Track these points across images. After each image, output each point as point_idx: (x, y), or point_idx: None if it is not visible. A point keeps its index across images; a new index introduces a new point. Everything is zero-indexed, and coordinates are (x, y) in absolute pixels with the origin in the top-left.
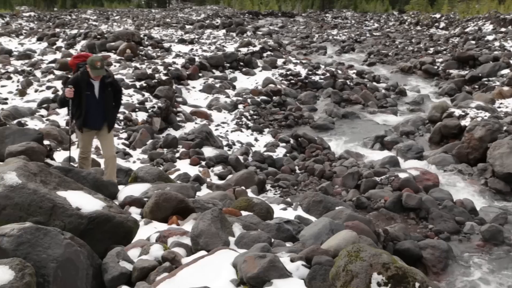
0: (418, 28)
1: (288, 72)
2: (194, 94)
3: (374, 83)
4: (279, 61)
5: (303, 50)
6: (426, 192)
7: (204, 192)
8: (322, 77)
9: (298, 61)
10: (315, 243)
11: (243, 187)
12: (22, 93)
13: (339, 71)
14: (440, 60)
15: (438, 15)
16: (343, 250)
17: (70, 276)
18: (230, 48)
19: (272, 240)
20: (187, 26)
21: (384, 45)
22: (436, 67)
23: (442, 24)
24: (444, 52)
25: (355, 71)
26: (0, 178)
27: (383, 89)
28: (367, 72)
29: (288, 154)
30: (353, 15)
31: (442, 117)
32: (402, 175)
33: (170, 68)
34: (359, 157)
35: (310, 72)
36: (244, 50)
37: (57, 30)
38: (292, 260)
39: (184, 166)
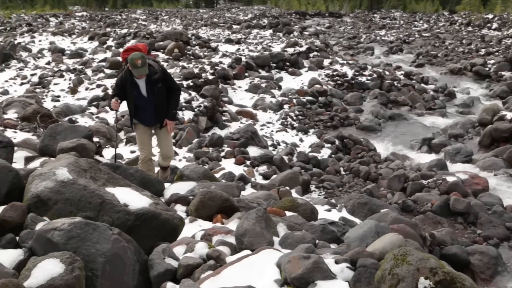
0: (469, 28)
1: (334, 73)
2: (240, 94)
3: (422, 85)
4: (326, 62)
5: (350, 50)
6: (475, 196)
7: (248, 191)
8: (369, 78)
9: (345, 62)
10: (360, 245)
11: (287, 187)
12: (73, 91)
13: (387, 72)
14: (492, 61)
15: (490, 16)
16: (389, 253)
17: (118, 271)
18: (276, 48)
19: (317, 241)
20: (234, 26)
21: (433, 46)
22: (487, 68)
23: (494, 25)
24: (496, 53)
25: (403, 72)
26: (52, 174)
27: (432, 90)
28: (415, 73)
29: (333, 155)
30: (402, 15)
31: (493, 120)
32: (450, 179)
33: (216, 67)
34: (405, 159)
35: (356, 73)
36: (290, 50)
37: (108, 29)
38: (336, 262)
39: (229, 165)
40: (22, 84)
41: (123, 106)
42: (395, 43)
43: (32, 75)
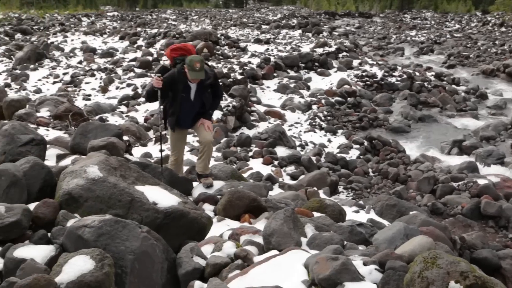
0: (503, 29)
1: (363, 73)
2: (268, 94)
3: (454, 86)
4: (355, 62)
5: (379, 51)
6: (507, 200)
7: (276, 191)
8: (398, 78)
9: (374, 62)
10: (388, 247)
11: (315, 188)
12: (104, 90)
13: (417, 73)
14: None
15: None
16: (419, 256)
17: (146, 268)
18: (305, 48)
19: (345, 242)
20: (263, 26)
21: (465, 47)
22: None
23: None
24: None
25: (433, 73)
26: (83, 171)
27: (463, 92)
28: (446, 74)
29: (361, 156)
30: (433, 15)
31: None
32: (481, 182)
33: (245, 67)
34: (435, 161)
35: (386, 74)
36: (319, 50)
37: (138, 29)
38: (365, 264)
39: (257, 165)
40: (54, 82)
41: (153, 106)
42: (425, 44)
43: (64, 74)
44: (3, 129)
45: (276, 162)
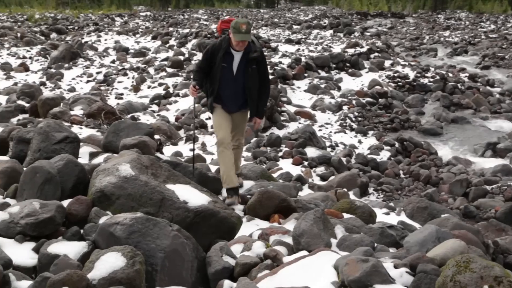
0: None
1: (395, 74)
2: (298, 94)
3: (488, 87)
4: (387, 63)
5: (412, 51)
6: None
7: (305, 192)
8: (431, 80)
9: (407, 63)
10: (420, 250)
11: (345, 189)
12: (136, 89)
13: (450, 74)
14: None
15: None
16: (451, 259)
17: (176, 266)
18: (336, 48)
19: (375, 244)
20: (295, 26)
21: (500, 48)
22: None
23: None
24: None
25: (467, 74)
26: (115, 169)
27: (498, 93)
28: (480, 75)
29: (392, 158)
30: (468, 16)
31: None
32: None
33: (276, 67)
34: (468, 164)
35: (418, 75)
36: (351, 51)
37: (170, 29)
38: (395, 266)
39: (286, 165)
40: (88, 81)
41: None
42: (459, 45)
43: (97, 73)
44: (39, 127)
45: (306, 163)
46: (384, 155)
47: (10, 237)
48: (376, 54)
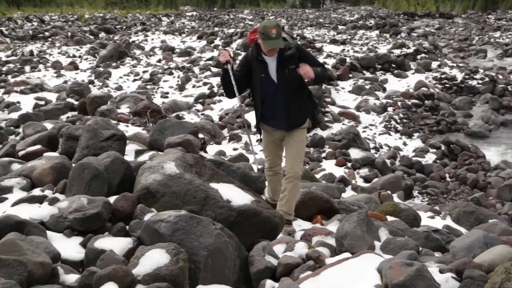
0: None
1: (442, 76)
2: (343, 95)
3: None
4: (434, 64)
5: (460, 53)
6: None
7: (348, 193)
8: (480, 81)
9: (454, 65)
10: (466, 255)
11: (389, 192)
12: (181, 88)
13: (500, 76)
14: None
15: None
16: (500, 266)
17: (219, 265)
18: (382, 49)
19: (420, 248)
20: (340, 27)
21: None
22: None
23: None
24: None
25: None
26: (161, 167)
27: None
28: None
29: (438, 161)
30: None
31: None
32: None
33: None
34: None
35: (467, 76)
36: (397, 51)
37: (216, 29)
38: (441, 271)
39: (329, 166)
40: (134, 80)
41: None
42: (510, 46)
43: (144, 72)
44: (87, 124)
45: (349, 164)
46: (429, 158)
47: (59, 232)
48: (423, 55)
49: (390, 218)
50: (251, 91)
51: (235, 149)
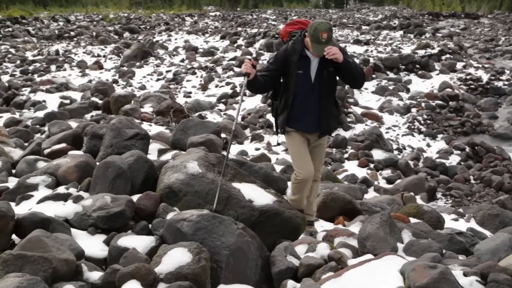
0: None
1: (467, 77)
2: (366, 96)
3: None
4: (459, 65)
5: (486, 53)
6: None
7: (371, 195)
8: (506, 82)
9: (480, 65)
10: (491, 259)
11: (412, 193)
12: (204, 87)
13: None
14: None
15: None
16: None
17: (241, 264)
18: (406, 50)
19: (444, 251)
20: (363, 27)
21: None
22: None
23: None
24: None
25: None
26: (183, 167)
27: None
28: None
29: (462, 163)
30: None
31: None
32: None
33: None
34: None
35: (492, 77)
36: (421, 52)
37: (239, 29)
38: (465, 274)
39: (352, 167)
40: (158, 80)
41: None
42: None
43: (167, 71)
44: (111, 123)
45: (372, 165)
46: (453, 160)
47: (83, 229)
48: (448, 55)
49: (413, 220)
50: (282, 88)
51: (257, 149)
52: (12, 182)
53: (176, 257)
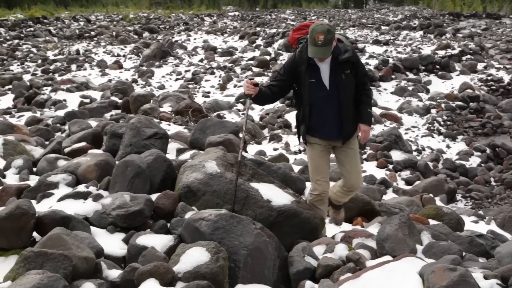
0: None
1: (488, 77)
2: (385, 96)
3: None
4: (480, 66)
5: (508, 54)
6: None
7: (389, 196)
8: None
9: (501, 66)
10: None
11: (431, 195)
12: (222, 87)
13: None
14: None
15: None
16: None
17: (259, 264)
18: (426, 50)
19: (463, 253)
20: (383, 27)
21: None
22: None
23: None
24: None
25: None
26: (202, 166)
27: None
28: None
29: (483, 164)
30: None
31: None
32: None
33: None
34: None
35: None
36: (441, 52)
37: (258, 29)
38: (485, 277)
39: (370, 168)
40: (177, 79)
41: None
42: None
43: (186, 71)
44: (130, 123)
45: (390, 166)
46: (473, 161)
47: (102, 227)
48: (469, 56)
49: (432, 222)
50: (296, 99)
51: (275, 149)
52: (33, 180)
53: (194, 256)
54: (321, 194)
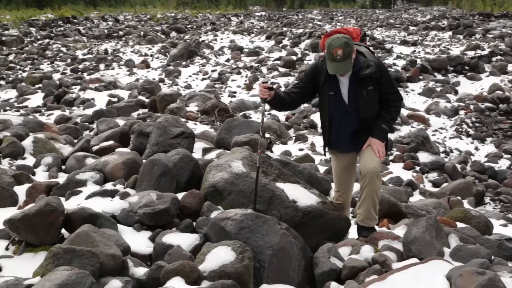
0: None
1: None
2: (412, 97)
3: None
4: (510, 67)
5: None
6: None
7: (416, 198)
8: None
9: None
10: None
11: (458, 197)
12: (248, 87)
13: None
14: None
15: None
16: None
17: (284, 265)
18: (455, 51)
19: (492, 257)
20: (411, 28)
21: None
22: None
23: None
24: None
25: None
26: (228, 166)
27: None
28: None
29: None
30: None
31: None
32: None
33: (389, 69)
34: None
35: None
36: (470, 53)
37: (284, 29)
38: None
39: (397, 170)
40: (203, 79)
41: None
42: None
43: (212, 71)
44: (157, 122)
45: (417, 168)
46: (503, 164)
47: (129, 225)
48: (499, 57)
49: (460, 225)
50: (319, 108)
51: (301, 150)
52: (62, 178)
53: (220, 256)
54: (342, 205)
